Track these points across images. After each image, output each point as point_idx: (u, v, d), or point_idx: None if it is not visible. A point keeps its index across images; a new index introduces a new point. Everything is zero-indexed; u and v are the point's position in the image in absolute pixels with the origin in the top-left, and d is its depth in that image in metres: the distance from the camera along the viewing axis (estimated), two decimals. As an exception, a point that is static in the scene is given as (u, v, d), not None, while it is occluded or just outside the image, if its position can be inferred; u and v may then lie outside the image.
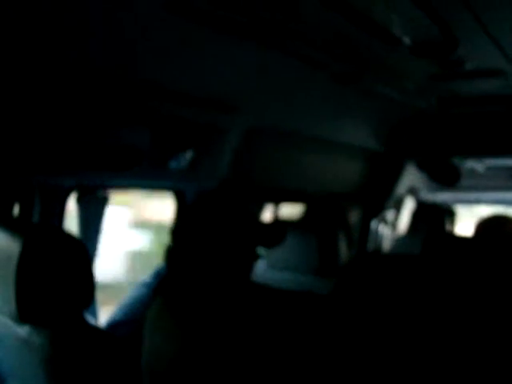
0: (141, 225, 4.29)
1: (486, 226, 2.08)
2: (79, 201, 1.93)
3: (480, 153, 2.94)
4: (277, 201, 2.87)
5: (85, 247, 1.40)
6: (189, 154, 1.96)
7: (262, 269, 2.49)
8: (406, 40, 1.64)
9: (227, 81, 1.84)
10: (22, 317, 1.26)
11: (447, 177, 3.36)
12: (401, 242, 3.33)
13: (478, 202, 3.81)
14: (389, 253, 3.38)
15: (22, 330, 1.29)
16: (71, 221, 1.92)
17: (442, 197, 3.80)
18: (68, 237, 1.39)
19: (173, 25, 1.41)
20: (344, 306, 0.75)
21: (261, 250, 2.19)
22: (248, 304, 0.74)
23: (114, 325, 1.56)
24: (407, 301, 0.97)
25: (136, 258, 4.13)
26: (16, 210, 1.72)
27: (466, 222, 3.83)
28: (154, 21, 1.38)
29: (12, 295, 1.25)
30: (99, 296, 1.81)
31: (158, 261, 1.83)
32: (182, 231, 1.47)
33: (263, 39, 1.59)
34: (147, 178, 1.97)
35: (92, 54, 1.43)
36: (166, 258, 1.52)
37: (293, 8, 1.41)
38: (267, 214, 2.82)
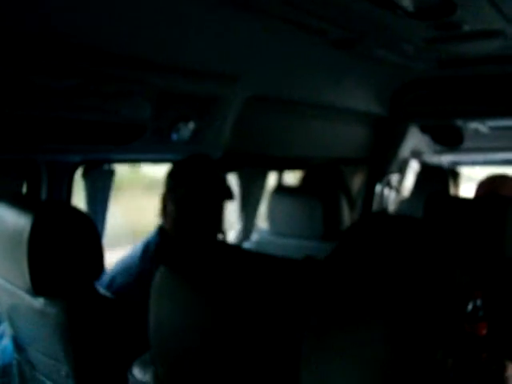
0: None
1: (486, 187, 2.10)
2: (85, 175, 1.97)
3: (482, 114, 2.93)
4: (280, 168, 2.90)
5: (92, 221, 1.44)
6: (191, 126, 1.99)
7: (267, 236, 2.53)
8: (404, 4, 1.64)
9: (226, 51, 1.85)
10: (36, 290, 1.32)
11: (450, 139, 3.36)
12: (405, 204, 3.36)
13: (482, 162, 3.81)
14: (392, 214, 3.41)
15: (37, 302, 1.35)
16: (78, 195, 1.97)
17: (446, 159, 3.81)
18: (76, 211, 1.43)
19: (173, 1, 1.42)
20: (340, 268, 0.78)
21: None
22: (246, 272, 0.78)
23: (108, 286, 1.62)
24: (404, 261, 1.00)
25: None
26: (24, 187, 1.76)
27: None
28: None
29: (25, 270, 1.30)
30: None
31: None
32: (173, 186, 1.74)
33: (260, 8, 1.60)
34: (151, 151, 2.00)
35: (92, 29, 1.44)
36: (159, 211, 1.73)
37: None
38: (271, 181, 2.85)
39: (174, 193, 1.73)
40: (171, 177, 1.77)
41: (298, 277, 0.73)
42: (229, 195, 1.81)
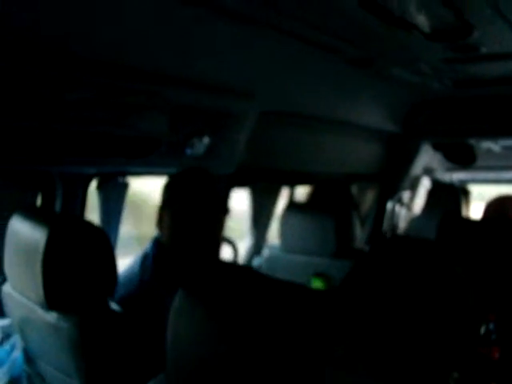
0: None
1: (493, 208, 2.10)
2: (99, 188, 1.97)
3: (495, 133, 2.93)
4: (293, 183, 2.90)
5: (106, 235, 1.44)
6: (205, 141, 1.99)
7: (278, 252, 2.53)
8: (421, 26, 1.64)
9: (242, 67, 1.86)
10: (49, 304, 1.32)
11: (463, 157, 3.36)
12: (416, 222, 3.35)
13: (494, 181, 3.80)
14: (405, 235, 3.39)
15: (50, 316, 1.35)
16: (92, 208, 1.97)
17: (457, 176, 3.80)
18: (90, 226, 1.44)
19: (186, 15, 1.43)
20: (356, 295, 0.78)
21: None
22: (264, 298, 0.78)
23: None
24: (421, 287, 1.00)
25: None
26: (39, 199, 1.77)
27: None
28: (167, 12, 1.40)
29: (40, 283, 1.30)
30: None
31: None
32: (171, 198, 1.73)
33: (276, 26, 1.61)
34: (165, 165, 2.00)
35: (108, 44, 1.46)
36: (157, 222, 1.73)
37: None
38: (283, 197, 2.85)
39: (170, 206, 1.72)
40: (167, 189, 1.76)
41: (318, 306, 0.72)
42: (224, 210, 1.80)
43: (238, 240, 2.53)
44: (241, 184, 2.42)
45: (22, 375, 1.53)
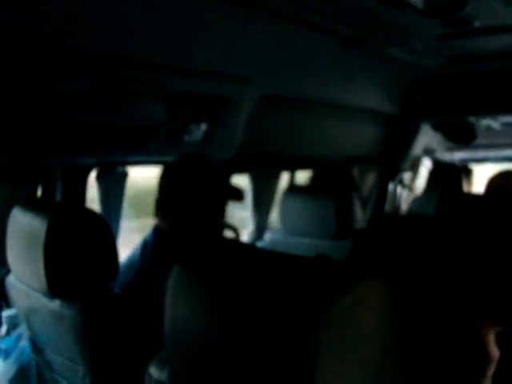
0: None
1: (496, 183, 2.10)
2: (99, 178, 1.99)
3: (494, 110, 2.92)
4: (292, 168, 2.90)
5: (106, 222, 1.46)
6: (203, 127, 2.00)
7: (280, 235, 2.54)
8: (413, 2, 1.64)
9: (236, 52, 1.86)
10: (52, 292, 1.34)
11: (463, 136, 3.35)
12: (418, 202, 3.35)
13: (495, 159, 3.79)
14: (405, 213, 3.40)
15: (54, 304, 1.37)
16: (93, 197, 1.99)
17: (458, 155, 3.79)
18: (91, 213, 1.45)
19: (182, 3, 1.44)
20: (359, 269, 0.79)
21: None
22: (260, 270, 0.79)
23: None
24: (421, 262, 1.00)
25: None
26: (39, 190, 1.78)
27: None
28: (163, 1, 1.40)
29: (42, 272, 1.32)
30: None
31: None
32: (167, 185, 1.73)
33: (270, 9, 1.60)
34: (163, 153, 2.01)
35: (103, 34, 1.46)
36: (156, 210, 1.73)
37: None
38: (284, 181, 2.86)
39: (168, 192, 1.72)
40: (165, 176, 1.76)
41: (312, 274, 0.73)
42: (224, 195, 1.81)
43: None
44: (241, 170, 2.43)
45: (30, 364, 1.56)
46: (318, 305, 0.65)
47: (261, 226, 2.70)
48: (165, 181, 1.76)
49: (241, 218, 2.74)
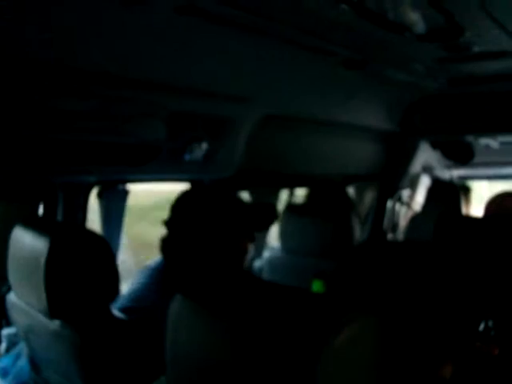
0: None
1: (495, 205, 2.11)
2: (100, 196, 2.00)
3: (493, 130, 2.94)
4: (292, 186, 2.92)
5: (107, 243, 1.47)
6: (204, 146, 2.01)
7: (278, 253, 2.55)
8: (412, 28, 1.66)
9: (238, 73, 1.88)
10: (52, 313, 1.35)
11: (461, 155, 3.37)
12: (416, 220, 3.36)
13: (493, 177, 3.81)
14: (404, 231, 3.41)
15: (53, 324, 1.38)
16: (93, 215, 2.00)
17: (457, 173, 3.81)
18: (92, 234, 1.47)
19: (181, 24, 1.46)
20: (352, 305, 0.80)
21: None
22: (261, 302, 0.80)
23: (123, 309, 1.58)
24: (408, 289, 1.02)
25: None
26: (41, 209, 1.80)
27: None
28: (165, 22, 1.42)
29: (42, 292, 1.33)
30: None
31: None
32: (175, 221, 1.65)
33: (270, 33, 1.63)
34: (165, 172, 2.03)
35: (105, 55, 1.48)
36: (162, 247, 1.66)
37: (300, 3, 1.44)
38: (282, 200, 2.87)
39: (177, 224, 1.68)
40: (175, 208, 1.71)
41: (310, 308, 0.75)
42: (243, 233, 1.70)
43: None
44: (240, 188, 2.44)
45: (28, 382, 1.56)
46: (315, 343, 0.67)
47: (259, 244, 2.71)
48: (173, 211, 1.71)
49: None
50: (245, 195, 2.58)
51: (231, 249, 1.67)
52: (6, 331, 1.58)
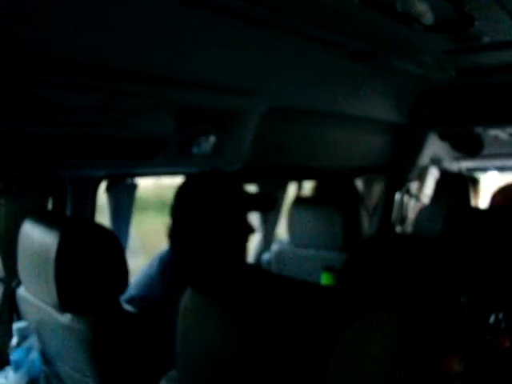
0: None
1: (499, 197, 2.10)
2: (109, 190, 2.00)
3: (502, 121, 2.92)
4: (300, 178, 2.91)
5: (116, 237, 1.47)
6: (211, 139, 2.01)
7: (287, 246, 2.55)
8: (422, 19, 1.65)
9: (245, 66, 1.88)
10: (63, 306, 1.36)
11: (470, 146, 3.35)
12: (425, 212, 3.35)
13: (502, 169, 3.79)
14: (413, 224, 3.40)
15: (64, 318, 1.39)
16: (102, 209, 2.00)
17: (466, 165, 3.79)
18: (101, 228, 1.47)
19: (187, 17, 1.45)
20: (364, 299, 0.80)
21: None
22: (272, 295, 0.80)
23: (130, 299, 1.59)
24: (415, 283, 1.01)
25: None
26: (50, 203, 1.80)
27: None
28: (171, 15, 1.42)
29: (53, 286, 1.34)
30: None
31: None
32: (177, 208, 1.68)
33: (276, 24, 1.62)
34: (172, 165, 2.03)
35: (112, 49, 1.48)
36: (167, 235, 1.68)
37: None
38: (290, 193, 2.87)
39: (182, 212, 1.69)
40: (181, 193, 1.73)
41: (320, 303, 0.74)
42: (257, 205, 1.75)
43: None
44: (248, 180, 2.44)
45: (40, 375, 1.57)
46: (326, 337, 0.66)
47: (268, 237, 2.72)
48: (177, 203, 1.72)
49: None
50: (252, 188, 2.57)
51: (232, 237, 1.69)
52: (16, 325, 1.59)
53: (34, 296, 1.49)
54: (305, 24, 1.64)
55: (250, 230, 1.73)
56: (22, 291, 1.59)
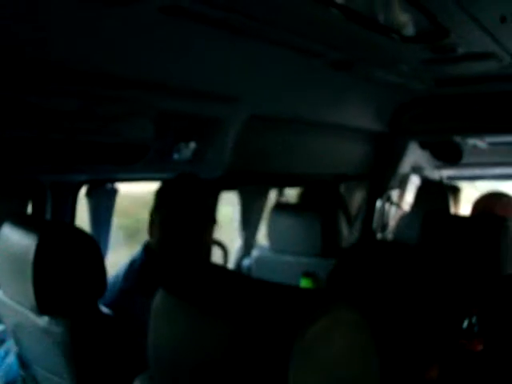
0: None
1: (481, 205, 2.14)
2: (89, 194, 2.01)
3: (481, 131, 2.98)
4: (281, 185, 2.94)
5: (95, 241, 1.48)
6: (192, 146, 2.03)
7: (267, 252, 2.57)
8: (398, 30, 1.69)
9: (226, 73, 1.90)
10: (41, 309, 1.36)
11: (450, 155, 3.41)
12: (405, 219, 3.40)
13: (481, 177, 3.85)
14: (394, 231, 3.44)
15: (42, 320, 1.39)
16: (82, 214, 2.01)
17: (447, 173, 3.85)
18: (79, 232, 1.48)
19: (170, 25, 1.47)
20: (330, 296, 0.82)
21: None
22: (242, 296, 0.82)
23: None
24: (399, 283, 1.04)
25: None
26: (29, 207, 1.81)
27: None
28: (151, 22, 1.44)
29: (30, 289, 1.34)
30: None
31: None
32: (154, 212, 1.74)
33: (259, 34, 1.65)
34: (153, 171, 2.04)
35: (92, 54, 1.50)
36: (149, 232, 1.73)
37: (286, 5, 1.46)
38: (271, 199, 2.89)
39: (159, 211, 1.74)
40: (157, 196, 1.78)
41: (287, 302, 0.77)
42: (212, 219, 1.81)
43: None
44: (229, 187, 2.46)
45: (17, 379, 1.57)
46: (289, 333, 0.68)
47: (248, 243, 2.73)
48: (156, 198, 1.78)
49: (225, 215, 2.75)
50: (233, 195, 2.60)
51: (203, 229, 1.77)
52: (-6, 329, 1.60)
53: (12, 299, 1.50)
54: (286, 33, 1.67)
55: (213, 220, 1.81)
56: (-1, 295, 1.59)
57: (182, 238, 1.71)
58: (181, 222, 1.71)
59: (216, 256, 2.45)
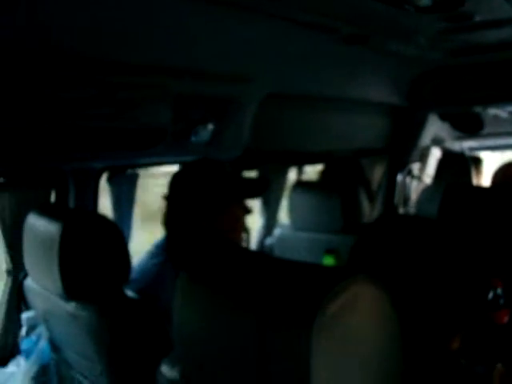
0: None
1: (500, 175, 2.12)
2: (110, 181, 2.04)
3: (501, 100, 2.92)
4: (300, 163, 2.93)
5: (118, 227, 1.51)
6: (210, 127, 2.03)
7: (288, 230, 2.58)
8: (411, 1, 1.66)
9: (240, 53, 1.89)
10: (68, 295, 1.40)
11: (470, 125, 3.35)
12: (427, 192, 3.37)
13: (504, 147, 3.79)
14: (416, 205, 3.42)
15: (70, 306, 1.43)
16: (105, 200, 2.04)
17: (467, 144, 3.80)
18: (103, 219, 1.51)
19: (183, 8, 1.47)
20: (350, 272, 0.82)
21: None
22: (265, 277, 0.83)
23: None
24: (415, 264, 1.04)
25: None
26: (53, 196, 1.84)
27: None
28: (163, 5, 1.44)
29: (57, 276, 1.38)
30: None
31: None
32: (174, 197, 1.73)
33: (271, 12, 1.64)
34: (171, 154, 2.06)
35: (106, 41, 1.50)
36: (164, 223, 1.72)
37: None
38: (292, 177, 2.90)
39: (176, 197, 1.73)
40: (172, 182, 1.77)
41: (308, 280, 0.77)
42: (234, 200, 1.77)
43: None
44: (248, 167, 2.46)
45: (50, 363, 1.62)
46: (309, 310, 0.69)
47: (270, 222, 2.74)
48: (171, 190, 1.77)
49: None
50: (253, 174, 2.60)
51: (226, 218, 1.74)
52: (25, 315, 1.64)
53: (41, 286, 1.54)
54: (298, 9, 1.65)
55: (247, 211, 1.79)
56: (29, 282, 1.63)
57: (198, 223, 1.70)
58: (198, 206, 1.70)
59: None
